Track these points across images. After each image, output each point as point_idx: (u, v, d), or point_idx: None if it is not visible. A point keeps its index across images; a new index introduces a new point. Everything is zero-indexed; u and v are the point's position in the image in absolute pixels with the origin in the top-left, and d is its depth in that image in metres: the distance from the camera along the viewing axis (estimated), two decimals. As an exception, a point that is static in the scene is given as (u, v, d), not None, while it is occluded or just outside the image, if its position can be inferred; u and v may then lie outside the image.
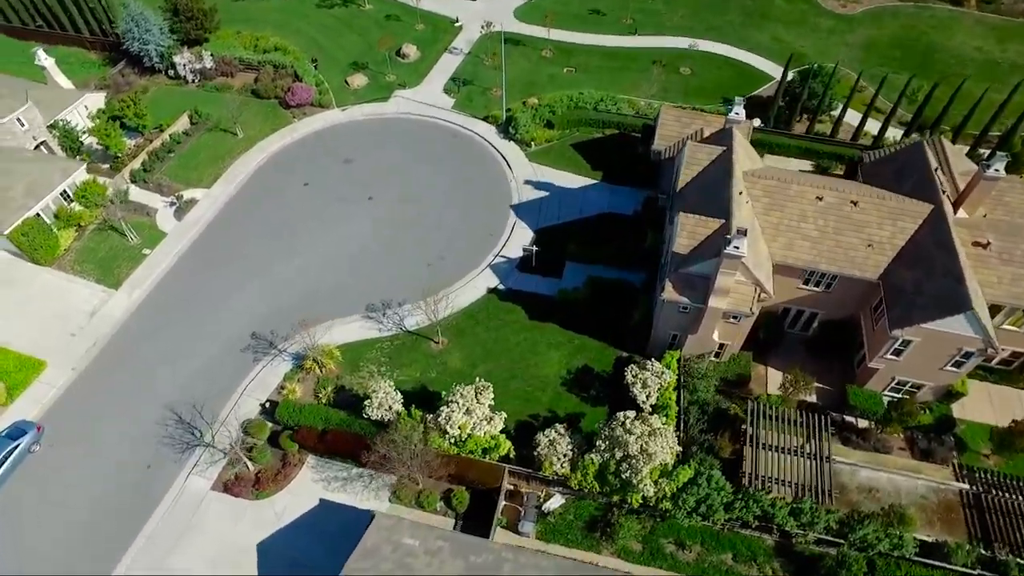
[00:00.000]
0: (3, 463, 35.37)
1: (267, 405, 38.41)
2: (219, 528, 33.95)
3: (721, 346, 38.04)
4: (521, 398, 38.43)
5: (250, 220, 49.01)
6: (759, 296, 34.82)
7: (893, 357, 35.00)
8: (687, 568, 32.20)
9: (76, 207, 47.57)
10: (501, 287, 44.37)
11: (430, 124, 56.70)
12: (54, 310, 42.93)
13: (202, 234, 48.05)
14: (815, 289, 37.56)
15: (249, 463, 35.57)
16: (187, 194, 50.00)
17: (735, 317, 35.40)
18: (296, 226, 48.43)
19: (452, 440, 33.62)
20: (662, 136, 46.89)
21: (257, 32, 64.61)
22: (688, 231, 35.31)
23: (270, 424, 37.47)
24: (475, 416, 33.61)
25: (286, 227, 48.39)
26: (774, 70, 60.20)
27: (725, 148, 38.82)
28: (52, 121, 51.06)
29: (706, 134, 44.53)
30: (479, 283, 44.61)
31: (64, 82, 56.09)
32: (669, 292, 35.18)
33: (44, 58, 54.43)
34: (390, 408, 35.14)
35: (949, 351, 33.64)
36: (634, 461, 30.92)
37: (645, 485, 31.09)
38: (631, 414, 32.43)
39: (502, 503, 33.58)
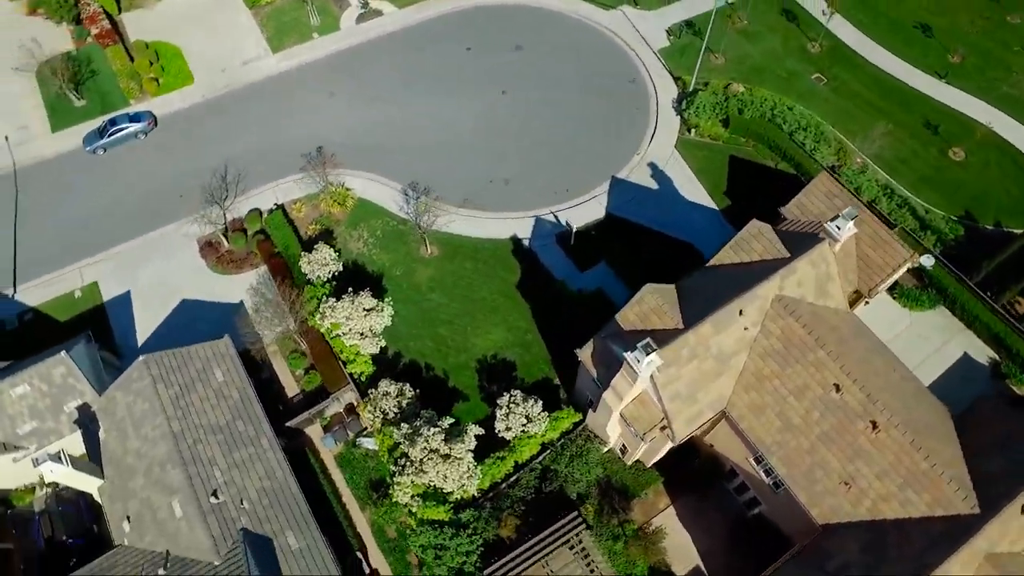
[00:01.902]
0: (119, 133, 45.32)
1: (274, 208, 42.66)
2: (176, 268, 40.45)
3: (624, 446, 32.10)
4: (438, 346, 37.42)
5: (399, 56, 50.65)
6: (662, 427, 28.00)
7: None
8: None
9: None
10: (525, 242, 41.40)
11: (620, 52, 50.70)
12: (226, 45, 50.80)
13: (360, 45, 51.34)
14: (764, 476, 28.93)
15: (224, 239, 40.81)
16: (377, 5, 52.99)
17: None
18: (429, 82, 49.09)
19: (324, 329, 34.71)
20: (800, 203, 36.62)
21: None
22: (642, 305, 28.72)
23: (262, 221, 41.87)
24: (350, 324, 33.89)
25: (421, 79, 49.32)
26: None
27: (788, 257, 29.40)
28: None
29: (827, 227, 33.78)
30: (511, 227, 42.03)
31: None
32: (584, 352, 29.92)
33: None
34: (325, 268, 36.94)
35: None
36: (407, 463, 29.21)
37: (401, 490, 29.49)
38: (440, 429, 29.87)
39: (330, 407, 34.55)
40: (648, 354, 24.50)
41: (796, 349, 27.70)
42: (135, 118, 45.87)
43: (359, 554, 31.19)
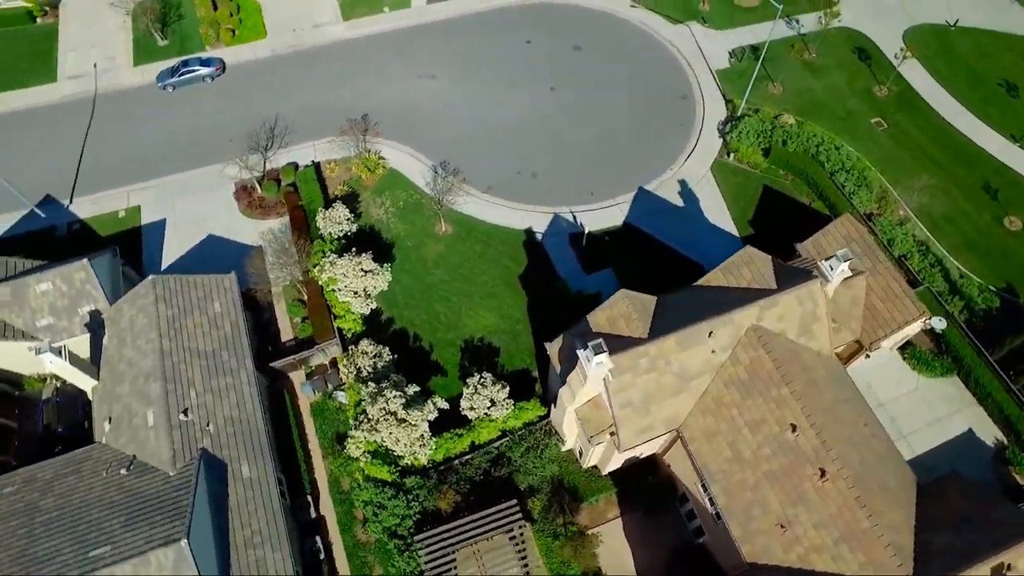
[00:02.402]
0: (189, 74, 48.65)
1: (310, 164, 44.73)
2: (210, 205, 43.09)
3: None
4: (430, 319, 38.37)
5: (460, 40, 51.93)
6: (611, 432, 27.90)
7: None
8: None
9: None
10: (538, 236, 41.81)
11: (677, 66, 50.14)
12: (302, 8, 53.51)
13: (426, 24, 52.95)
14: (708, 504, 28.35)
15: (258, 186, 43.17)
16: (449, -12, 54.64)
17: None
18: (482, 68, 50.14)
19: (322, 282, 36.29)
20: (817, 243, 35.47)
21: None
22: (613, 309, 28.61)
23: (295, 174, 43.97)
24: (346, 281, 35.31)
25: (476, 64, 50.43)
26: None
27: (774, 289, 28.60)
28: None
29: (853, 278, 32.61)
30: (528, 219, 42.49)
31: None
32: (553, 347, 30.13)
33: None
34: (338, 226, 38.61)
35: None
36: (364, 419, 30.30)
37: (354, 444, 30.62)
38: (401, 394, 30.77)
39: (316, 357, 36.08)
40: (597, 354, 24.55)
41: (761, 382, 26.99)
42: (205, 62, 49.11)
43: (309, 498, 32.57)
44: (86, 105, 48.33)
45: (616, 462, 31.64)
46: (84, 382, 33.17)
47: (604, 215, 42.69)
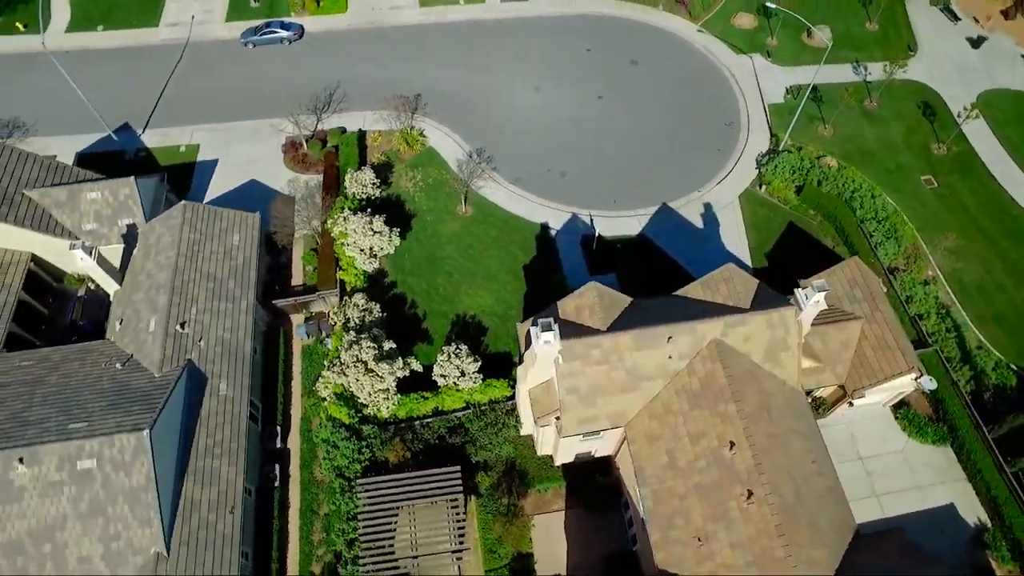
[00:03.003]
0: (270, 35, 52.74)
1: (357, 131, 47.45)
2: (260, 154, 46.47)
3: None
4: (429, 289, 39.92)
5: (523, 39, 53.84)
6: (556, 416, 28.40)
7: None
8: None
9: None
10: (551, 232, 42.74)
11: (730, 94, 49.97)
12: (386, -12, 57.09)
13: (496, 20, 55.29)
14: (640, 508, 28.33)
15: (305, 144, 46.21)
16: (525, -10, 56.75)
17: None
18: (538, 68, 51.72)
19: (335, 235, 38.61)
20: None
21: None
22: (581, 299, 29.10)
23: (342, 135, 46.78)
24: (355, 238, 37.41)
25: (533, 63, 52.07)
26: None
27: (746, 309, 28.41)
28: None
29: (847, 322, 32.04)
30: (546, 215, 43.45)
31: None
32: (522, 327, 30.96)
33: None
34: (362, 188, 40.95)
35: None
36: (337, 362, 32.13)
37: (323, 383, 32.47)
38: (375, 346, 32.40)
39: (316, 304, 38.30)
40: (544, 331, 25.31)
41: (711, 395, 26.89)
42: (286, 26, 53.10)
43: (279, 429, 34.64)
44: (176, 50, 53.17)
45: (567, 455, 32.08)
46: (108, 285, 36.69)
47: (621, 223, 43.15)
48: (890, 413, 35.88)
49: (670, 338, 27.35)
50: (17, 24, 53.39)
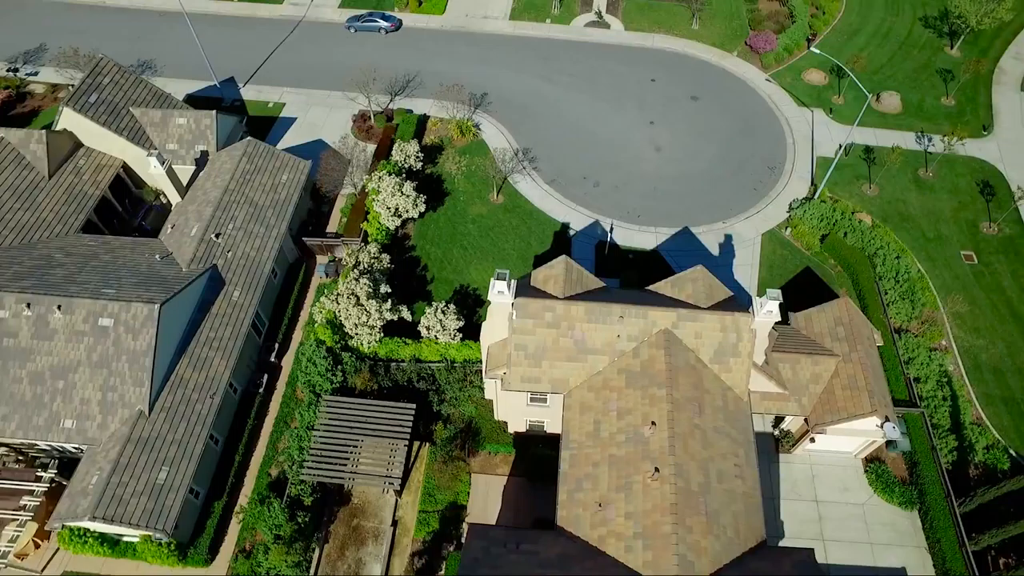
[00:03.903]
0: (370, 23, 59.04)
1: (422, 115, 51.94)
2: (332, 120, 51.86)
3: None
4: (443, 257, 42.95)
5: (595, 62, 57.04)
6: (503, 372, 30.15)
7: None
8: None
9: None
10: (570, 232, 44.88)
11: (781, 141, 50.51)
12: (482, 1, 62.10)
13: (575, 42, 58.92)
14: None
15: (372, 118, 51.15)
16: (610, 20, 59.97)
17: (495, 370, 31.72)
18: (601, 89, 54.67)
19: (368, 191, 42.69)
20: (808, 316, 35.27)
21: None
22: (551, 270, 30.84)
23: (407, 115, 51.42)
24: (383, 196, 41.19)
25: (597, 84, 55.09)
26: None
27: (703, 310, 29.23)
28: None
29: (824, 357, 32.10)
30: (570, 215, 45.69)
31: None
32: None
33: None
34: (406, 157, 44.99)
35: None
36: (334, 292, 35.72)
37: (318, 309, 36.03)
38: (369, 284, 35.61)
39: (339, 247, 42.24)
40: (499, 280, 27.54)
41: (647, 378, 27.90)
42: (387, 18, 59.18)
43: (276, 345, 38.40)
44: (290, 25, 60.39)
45: (518, 422, 33.71)
46: (173, 196, 42.42)
47: (639, 236, 44.65)
48: (860, 466, 34.93)
49: (622, 317, 28.75)
50: (170, -15, 62.67)
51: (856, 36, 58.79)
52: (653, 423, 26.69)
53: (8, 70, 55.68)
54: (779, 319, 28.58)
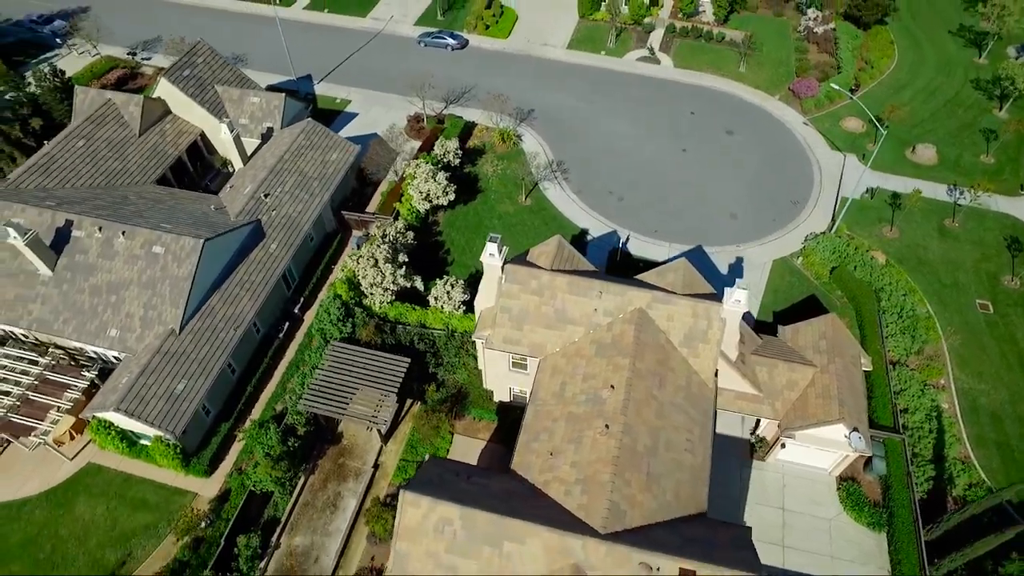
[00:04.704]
0: (439, 40, 64.75)
1: (470, 122, 56.32)
2: (390, 117, 56.95)
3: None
4: (466, 243, 46.32)
5: (642, 92, 60.39)
6: (487, 342, 32.67)
7: None
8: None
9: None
10: (587, 237, 47.46)
11: (808, 179, 51.77)
12: (544, 28, 67.26)
13: (625, 74, 62.50)
14: (535, 435, 31.45)
15: (424, 120, 55.92)
16: (662, 57, 63.51)
17: (485, 335, 34.33)
18: (642, 114, 57.76)
19: (405, 176, 46.83)
20: (796, 330, 36.36)
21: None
22: (546, 246, 33.65)
23: (455, 120, 55.90)
24: (416, 182, 45.17)
25: (638, 111, 58.20)
26: None
27: (676, 295, 31.11)
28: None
29: (802, 366, 33.21)
30: (590, 223, 48.34)
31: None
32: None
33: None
34: (445, 152, 49.09)
35: None
36: (356, 255, 39.59)
37: (342, 267, 39.83)
38: (387, 251, 39.25)
39: (373, 223, 46.19)
40: (491, 242, 30.51)
41: (615, 349, 29.87)
42: (455, 37, 64.76)
43: (303, 299, 42.40)
44: (369, 36, 66.88)
45: (502, 390, 36.03)
46: (237, 163, 47.93)
47: (652, 248, 46.73)
48: (834, 482, 35.17)
49: (600, 293, 31.03)
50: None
51: (902, 91, 59.81)
52: (612, 386, 28.60)
53: (128, 53, 64.23)
54: (747, 309, 30.17)
